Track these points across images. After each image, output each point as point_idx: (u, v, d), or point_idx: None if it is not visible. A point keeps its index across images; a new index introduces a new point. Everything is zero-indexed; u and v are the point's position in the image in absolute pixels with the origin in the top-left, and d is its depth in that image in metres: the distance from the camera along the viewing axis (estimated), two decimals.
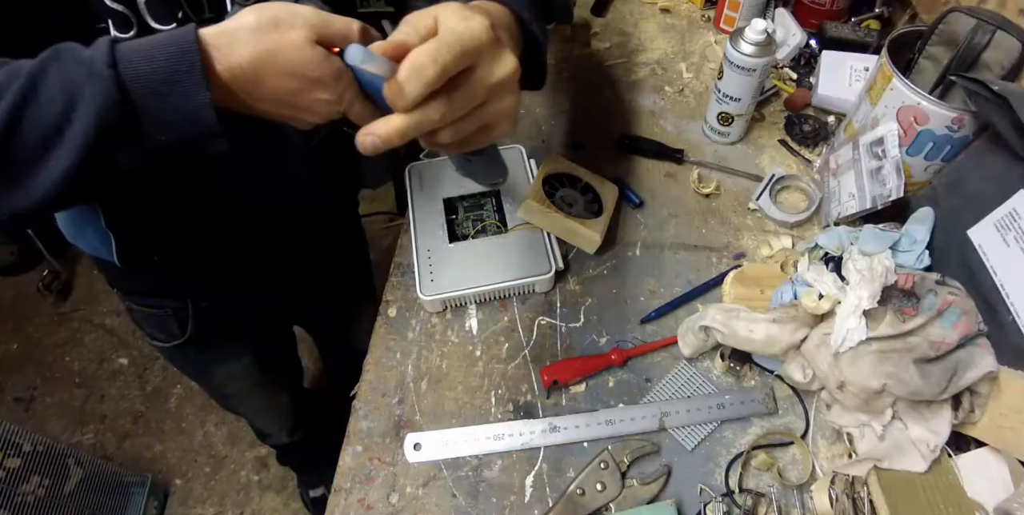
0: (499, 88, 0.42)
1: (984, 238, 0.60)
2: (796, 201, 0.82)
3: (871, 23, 1.00)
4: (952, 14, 0.66)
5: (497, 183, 0.59)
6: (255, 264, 0.78)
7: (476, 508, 0.59)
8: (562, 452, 0.63)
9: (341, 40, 0.41)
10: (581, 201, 0.76)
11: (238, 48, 0.39)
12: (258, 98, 0.41)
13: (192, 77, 0.38)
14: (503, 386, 0.67)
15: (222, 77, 0.39)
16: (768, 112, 0.93)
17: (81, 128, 0.37)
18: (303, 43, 0.39)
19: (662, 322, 0.72)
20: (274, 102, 0.41)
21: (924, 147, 0.67)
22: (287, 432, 1.24)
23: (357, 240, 1.08)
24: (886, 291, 0.59)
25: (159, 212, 0.65)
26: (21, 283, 1.97)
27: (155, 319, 0.83)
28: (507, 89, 0.42)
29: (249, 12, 0.40)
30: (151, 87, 0.38)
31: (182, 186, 0.61)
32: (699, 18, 1.09)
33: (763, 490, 0.59)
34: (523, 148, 0.82)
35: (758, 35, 0.75)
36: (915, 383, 0.54)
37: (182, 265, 0.74)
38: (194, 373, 1.03)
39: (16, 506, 1.11)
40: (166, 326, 0.84)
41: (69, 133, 0.37)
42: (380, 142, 0.40)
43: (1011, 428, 0.55)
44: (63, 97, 0.37)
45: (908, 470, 0.56)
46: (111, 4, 0.49)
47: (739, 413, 0.63)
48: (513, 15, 0.50)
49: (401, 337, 0.72)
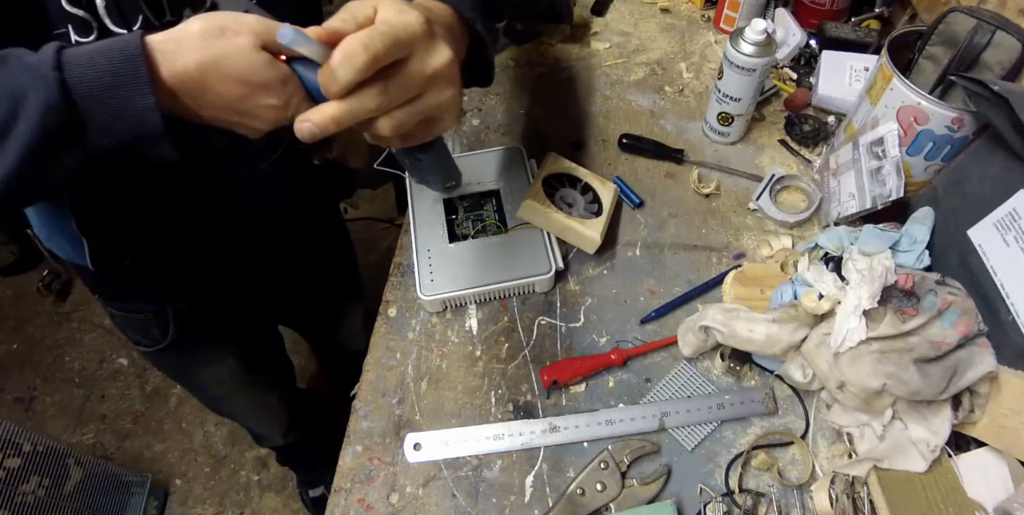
0: (436, 79, 0.43)
1: (984, 238, 0.60)
2: (796, 201, 0.82)
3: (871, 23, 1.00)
4: (952, 14, 0.66)
5: (451, 187, 0.59)
6: (232, 267, 0.78)
7: (476, 508, 0.59)
8: (562, 452, 0.63)
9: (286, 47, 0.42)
10: (581, 201, 0.76)
11: (184, 54, 0.40)
12: (205, 104, 0.42)
13: (136, 80, 0.39)
14: (503, 386, 0.67)
15: (168, 82, 0.40)
16: (768, 112, 0.93)
17: (25, 129, 0.38)
18: (248, 49, 0.40)
19: (662, 322, 0.72)
20: (221, 108, 0.42)
21: (924, 147, 0.67)
22: (281, 434, 1.23)
23: (340, 241, 1.08)
24: (886, 291, 0.59)
25: (129, 217, 0.65)
26: (21, 283, 1.97)
27: (136, 324, 0.83)
28: (445, 81, 0.43)
29: (196, 20, 0.41)
30: (95, 91, 0.39)
31: (149, 194, 0.61)
32: (699, 18, 1.09)
33: (763, 490, 0.59)
34: (523, 148, 0.82)
35: (758, 35, 0.75)
36: (915, 383, 0.54)
37: (157, 269, 0.74)
38: (180, 377, 1.03)
39: (16, 506, 1.11)
40: (147, 331, 0.83)
41: (14, 134, 0.38)
42: (317, 129, 0.41)
43: (1011, 428, 0.55)
44: (8, 100, 0.38)
45: (908, 470, 0.56)
46: (70, 8, 0.48)
47: (739, 413, 0.63)
48: (456, 13, 0.51)
49: (401, 337, 0.72)
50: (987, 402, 0.57)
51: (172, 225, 0.68)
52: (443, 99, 0.44)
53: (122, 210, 0.64)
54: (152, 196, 0.62)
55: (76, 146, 0.40)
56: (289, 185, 0.77)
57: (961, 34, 0.66)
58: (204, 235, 0.71)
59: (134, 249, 0.69)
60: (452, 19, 0.50)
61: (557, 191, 0.76)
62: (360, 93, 0.40)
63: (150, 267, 0.73)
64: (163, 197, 0.63)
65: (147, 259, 0.71)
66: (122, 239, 0.68)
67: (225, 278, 0.79)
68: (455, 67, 0.44)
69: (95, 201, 0.61)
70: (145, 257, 0.71)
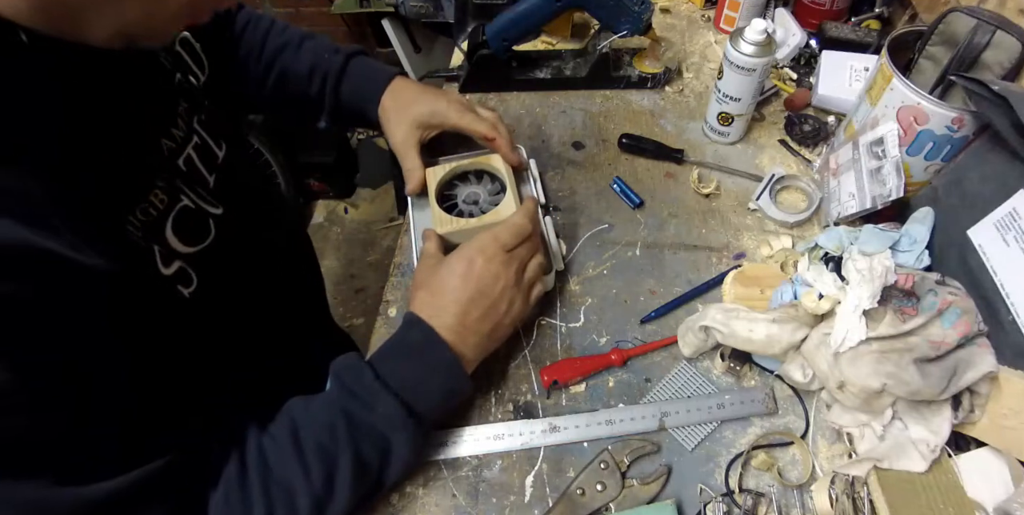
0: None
1: (984, 238, 0.60)
2: (796, 201, 0.82)
3: (871, 23, 1.00)
4: (952, 14, 0.66)
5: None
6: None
7: (476, 508, 0.59)
8: (562, 452, 0.63)
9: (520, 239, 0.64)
10: (482, 193, 0.74)
11: (469, 340, 0.59)
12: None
13: (461, 385, 0.59)
14: (503, 386, 0.67)
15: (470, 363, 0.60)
16: (768, 112, 0.93)
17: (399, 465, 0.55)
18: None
19: (662, 322, 0.72)
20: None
21: (924, 147, 0.67)
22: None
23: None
24: (886, 291, 0.59)
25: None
26: None
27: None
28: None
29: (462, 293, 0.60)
30: (436, 406, 0.57)
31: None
32: (699, 18, 1.09)
33: (763, 490, 0.59)
34: (523, 148, 0.82)
35: (758, 35, 0.75)
36: (915, 383, 0.54)
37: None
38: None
39: None
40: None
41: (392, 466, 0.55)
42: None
43: (1011, 428, 0.55)
44: (379, 453, 0.54)
45: (908, 470, 0.56)
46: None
47: (739, 413, 0.63)
48: None
49: None
50: (987, 402, 0.57)
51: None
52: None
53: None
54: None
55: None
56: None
57: (961, 34, 0.66)
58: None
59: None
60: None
61: (455, 196, 0.73)
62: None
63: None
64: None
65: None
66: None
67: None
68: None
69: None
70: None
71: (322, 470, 0.50)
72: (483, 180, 0.75)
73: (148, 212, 0.47)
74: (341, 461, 0.51)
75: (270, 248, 0.71)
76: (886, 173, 0.68)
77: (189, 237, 0.52)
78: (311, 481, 0.50)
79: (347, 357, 0.57)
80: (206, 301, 0.53)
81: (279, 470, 0.50)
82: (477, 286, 0.59)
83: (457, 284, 0.59)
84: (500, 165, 0.74)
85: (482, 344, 0.60)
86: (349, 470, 0.51)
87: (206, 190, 0.56)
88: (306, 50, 0.78)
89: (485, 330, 0.60)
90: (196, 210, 0.53)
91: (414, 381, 0.55)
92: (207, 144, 0.59)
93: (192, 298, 0.52)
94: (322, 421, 0.52)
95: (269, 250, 0.71)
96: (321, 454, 0.50)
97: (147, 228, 0.47)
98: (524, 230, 0.63)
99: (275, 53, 0.77)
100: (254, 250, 0.64)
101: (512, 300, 0.61)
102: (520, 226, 0.63)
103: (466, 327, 0.58)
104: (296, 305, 0.80)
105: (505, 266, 0.61)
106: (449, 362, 0.57)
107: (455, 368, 0.57)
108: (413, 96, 0.76)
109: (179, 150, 0.54)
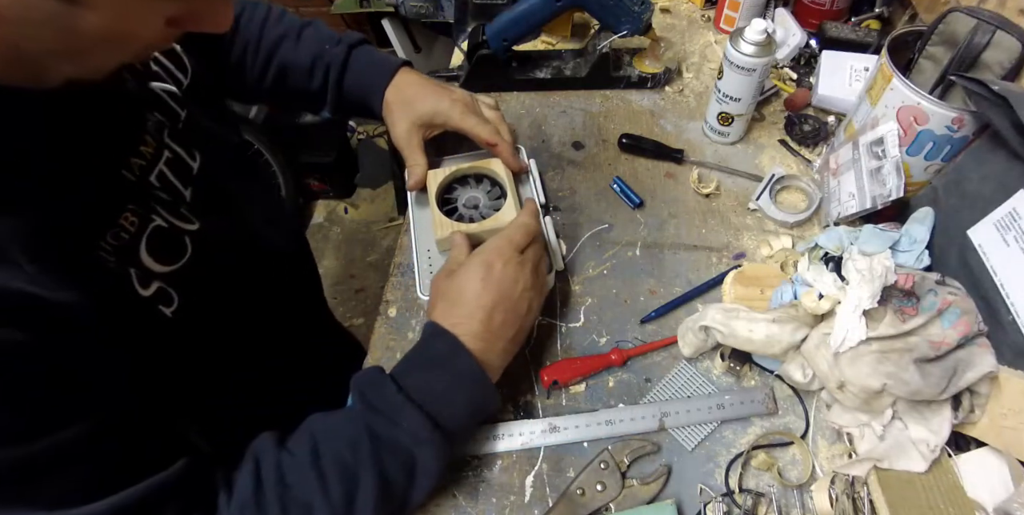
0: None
1: (984, 238, 0.60)
2: (796, 201, 0.82)
3: (871, 23, 1.00)
4: (952, 14, 0.66)
5: None
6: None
7: (476, 508, 0.59)
8: (562, 452, 0.63)
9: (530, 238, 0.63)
10: (482, 196, 0.74)
11: (496, 345, 0.58)
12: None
13: (488, 397, 0.57)
14: (503, 386, 0.67)
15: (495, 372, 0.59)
16: (768, 112, 0.93)
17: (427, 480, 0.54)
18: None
19: (662, 322, 0.72)
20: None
21: (924, 147, 0.67)
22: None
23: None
24: (886, 291, 0.59)
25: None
26: None
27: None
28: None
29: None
30: (463, 420, 0.56)
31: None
32: (699, 18, 1.09)
33: (763, 490, 0.59)
34: (523, 148, 0.82)
35: (758, 35, 0.75)
36: (915, 383, 0.54)
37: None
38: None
39: None
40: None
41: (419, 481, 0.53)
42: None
43: (1011, 428, 0.55)
44: (403, 466, 0.52)
45: (908, 470, 0.56)
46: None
47: (739, 413, 0.63)
48: None
49: (401, 337, 0.72)
50: (987, 402, 0.57)
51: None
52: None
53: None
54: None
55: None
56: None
57: (961, 34, 0.66)
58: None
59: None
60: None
61: (455, 200, 0.73)
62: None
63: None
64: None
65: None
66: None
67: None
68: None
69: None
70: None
71: (342, 487, 0.49)
72: (483, 183, 0.75)
73: (119, 236, 0.46)
74: (363, 479, 0.49)
75: (262, 251, 0.69)
76: (886, 173, 0.68)
77: (165, 257, 0.50)
78: (330, 499, 0.48)
79: (369, 371, 0.56)
80: (191, 317, 0.52)
81: (297, 487, 0.48)
82: (499, 289, 0.58)
83: (479, 290, 0.58)
84: (501, 170, 0.74)
85: (507, 349, 0.59)
86: (372, 488, 0.49)
87: (183, 204, 0.54)
88: (306, 40, 0.76)
89: (509, 335, 0.59)
90: (170, 229, 0.51)
91: (439, 393, 0.53)
92: (179, 157, 0.56)
93: (176, 317, 0.50)
94: (344, 437, 0.51)
95: (261, 253, 0.69)
96: (342, 471, 0.49)
97: (120, 252, 0.46)
98: (534, 229, 0.64)
99: (274, 45, 0.76)
100: (242, 257, 0.63)
101: (531, 301, 0.61)
102: (530, 226, 0.63)
103: (492, 333, 0.57)
104: (293, 305, 0.79)
105: (522, 267, 0.60)
106: (475, 373, 0.55)
107: (481, 378, 0.55)
108: (417, 92, 0.74)
109: (150, 167, 0.52)
